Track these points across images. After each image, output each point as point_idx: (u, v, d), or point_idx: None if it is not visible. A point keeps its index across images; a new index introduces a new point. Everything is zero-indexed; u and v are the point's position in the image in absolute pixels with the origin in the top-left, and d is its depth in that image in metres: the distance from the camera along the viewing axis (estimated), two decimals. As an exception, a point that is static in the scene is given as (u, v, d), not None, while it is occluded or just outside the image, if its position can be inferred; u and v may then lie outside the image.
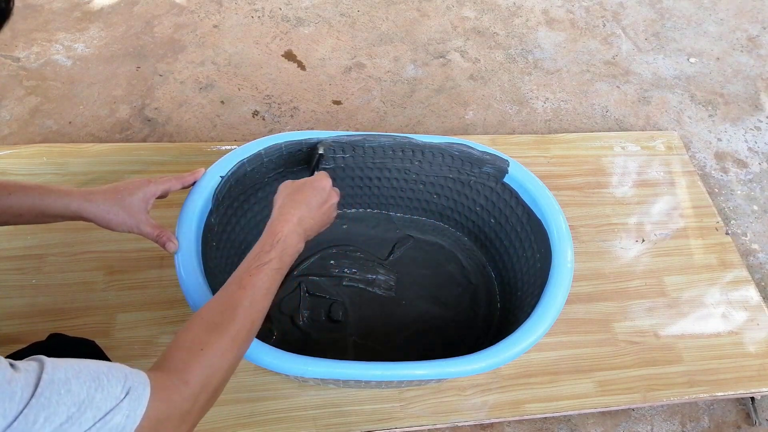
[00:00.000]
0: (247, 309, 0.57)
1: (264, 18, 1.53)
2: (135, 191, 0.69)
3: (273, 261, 0.61)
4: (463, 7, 1.65)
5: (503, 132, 1.35)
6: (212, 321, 0.55)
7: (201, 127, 1.27)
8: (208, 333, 0.54)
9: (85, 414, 0.40)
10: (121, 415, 0.43)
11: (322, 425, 0.86)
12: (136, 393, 0.44)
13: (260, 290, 0.59)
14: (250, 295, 0.58)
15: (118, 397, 0.43)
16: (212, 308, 0.57)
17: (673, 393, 0.94)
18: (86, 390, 0.41)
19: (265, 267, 0.61)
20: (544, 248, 0.82)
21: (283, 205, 0.68)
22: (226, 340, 0.54)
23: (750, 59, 1.62)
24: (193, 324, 0.55)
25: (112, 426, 0.42)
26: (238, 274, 0.60)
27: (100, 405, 0.42)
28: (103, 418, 0.41)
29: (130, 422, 0.43)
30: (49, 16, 1.46)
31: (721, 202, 1.29)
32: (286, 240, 0.64)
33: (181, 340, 0.53)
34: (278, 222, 0.66)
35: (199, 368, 0.51)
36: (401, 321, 0.94)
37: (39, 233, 0.98)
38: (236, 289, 0.59)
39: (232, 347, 0.54)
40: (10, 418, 0.37)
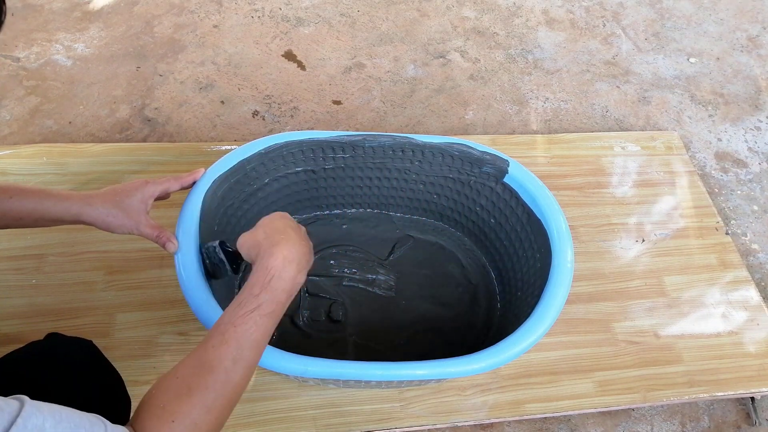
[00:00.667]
0: (230, 369, 0.50)
1: (264, 18, 1.53)
2: (133, 193, 0.70)
3: (263, 305, 0.54)
4: (463, 7, 1.65)
5: (503, 132, 1.35)
6: (187, 385, 0.48)
7: (201, 127, 1.27)
8: (179, 401, 0.47)
9: None
10: None
11: (322, 425, 0.86)
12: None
13: (247, 342, 0.52)
14: (233, 351, 0.51)
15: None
16: (189, 368, 0.50)
17: (673, 393, 0.94)
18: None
19: (253, 314, 0.53)
20: (544, 248, 0.82)
21: (265, 240, 0.59)
22: (200, 409, 0.47)
23: (750, 59, 1.62)
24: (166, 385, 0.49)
25: None
26: (220, 325, 0.53)
27: None
28: None
29: None
30: (49, 16, 1.46)
31: (721, 202, 1.29)
32: (280, 275, 0.56)
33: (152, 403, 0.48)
34: (267, 257, 0.57)
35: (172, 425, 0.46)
36: (401, 321, 0.94)
37: (39, 233, 0.98)
38: (217, 345, 0.51)
39: (208, 414, 0.48)
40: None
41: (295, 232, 0.62)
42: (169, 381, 0.49)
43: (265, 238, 0.60)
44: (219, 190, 0.82)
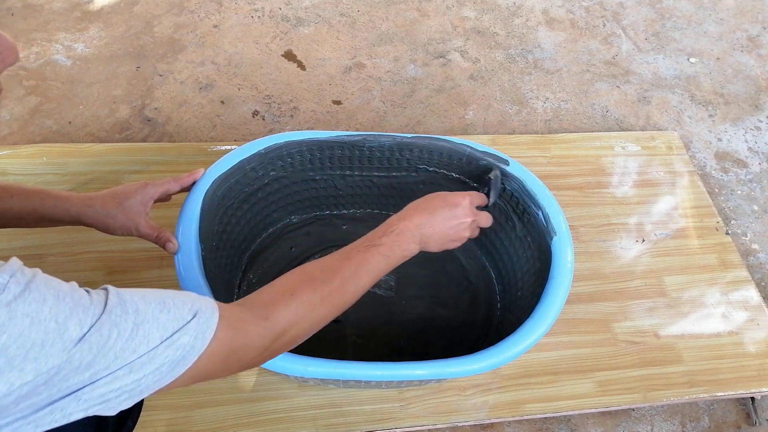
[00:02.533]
0: (346, 278, 0.58)
1: (264, 18, 1.53)
2: (133, 194, 0.70)
3: (383, 246, 0.62)
4: (463, 7, 1.65)
5: (503, 132, 1.35)
6: (311, 275, 0.56)
7: (201, 127, 1.27)
8: (302, 283, 0.55)
9: (151, 332, 0.42)
10: (189, 335, 0.44)
11: (322, 425, 0.86)
12: (204, 317, 0.45)
13: (364, 266, 0.59)
14: (354, 266, 0.59)
15: (184, 318, 0.44)
16: (315, 266, 0.58)
17: (673, 393, 0.94)
18: (152, 311, 0.42)
19: (375, 248, 0.61)
20: (544, 248, 0.82)
21: (409, 207, 0.68)
22: (317, 295, 0.54)
23: (750, 59, 1.62)
24: (292, 273, 0.56)
25: (179, 345, 0.43)
26: (347, 248, 0.61)
27: (166, 325, 0.43)
28: (170, 338, 0.43)
29: (198, 343, 0.44)
30: (49, 16, 1.46)
31: (721, 202, 1.29)
32: (400, 234, 0.64)
33: (276, 283, 0.55)
34: (397, 218, 0.66)
35: (284, 309, 0.52)
36: (401, 321, 0.94)
37: (39, 233, 0.98)
38: (342, 258, 0.59)
39: (321, 304, 0.55)
40: (86, 327, 0.38)
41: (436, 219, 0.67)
42: (295, 272, 0.57)
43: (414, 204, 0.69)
44: (219, 190, 0.82)
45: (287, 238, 1.01)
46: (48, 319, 0.37)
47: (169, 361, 0.43)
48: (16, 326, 0.35)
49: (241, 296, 0.91)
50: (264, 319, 0.51)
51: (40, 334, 0.36)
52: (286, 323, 0.52)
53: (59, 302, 0.38)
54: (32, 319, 0.36)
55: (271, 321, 0.51)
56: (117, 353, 0.40)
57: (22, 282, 0.37)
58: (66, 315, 0.38)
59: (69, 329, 0.37)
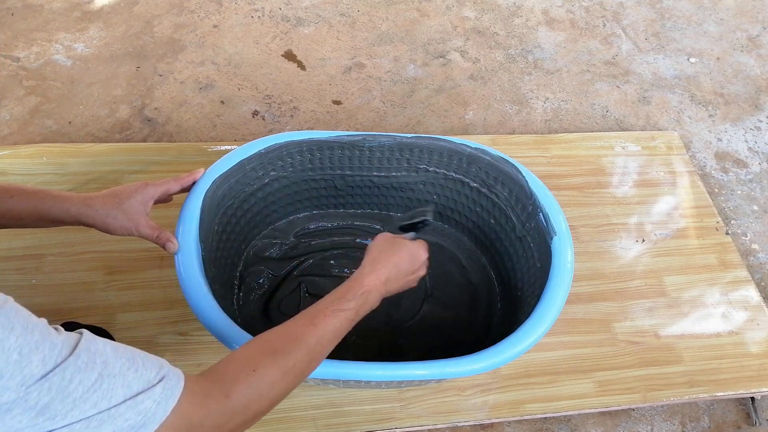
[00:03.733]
0: (311, 347, 0.56)
1: (264, 18, 1.53)
2: (133, 195, 0.70)
3: (350, 311, 0.61)
4: (463, 7, 1.65)
5: (503, 132, 1.35)
6: (273, 346, 0.54)
7: (201, 127, 1.27)
8: (264, 356, 0.53)
9: (115, 388, 0.40)
10: (152, 400, 0.42)
11: (322, 425, 0.86)
12: (170, 383, 0.44)
13: (329, 333, 0.58)
14: (319, 334, 0.57)
15: (150, 382, 0.42)
16: (277, 334, 0.56)
17: (673, 393, 0.94)
18: (120, 366, 0.41)
19: (342, 313, 0.60)
20: (544, 248, 0.82)
21: (376, 260, 0.68)
22: (279, 369, 0.52)
23: (750, 59, 1.62)
24: (253, 344, 0.54)
25: (141, 409, 0.41)
26: (312, 311, 0.60)
27: (131, 384, 0.41)
28: (134, 398, 0.41)
29: (159, 410, 0.42)
30: (49, 16, 1.46)
31: (721, 202, 1.29)
32: (369, 295, 0.64)
33: (237, 355, 0.53)
34: (369, 276, 0.66)
35: (245, 388, 0.50)
36: (401, 321, 0.94)
37: (39, 233, 0.98)
38: (307, 324, 0.58)
39: (283, 379, 0.53)
40: (49, 366, 0.37)
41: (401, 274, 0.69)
42: (256, 341, 0.55)
43: (379, 252, 0.69)
44: (219, 190, 0.82)
45: (287, 238, 1.01)
46: (12, 349, 0.35)
47: (128, 425, 0.40)
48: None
49: (241, 296, 0.92)
50: (225, 397, 0.48)
51: (0, 363, 0.35)
52: (246, 401, 0.50)
53: (27, 334, 0.36)
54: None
55: (231, 399, 0.48)
56: (76, 401, 0.38)
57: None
58: (31, 348, 0.36)
59: (32, 364, 0.36)
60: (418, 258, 0.72)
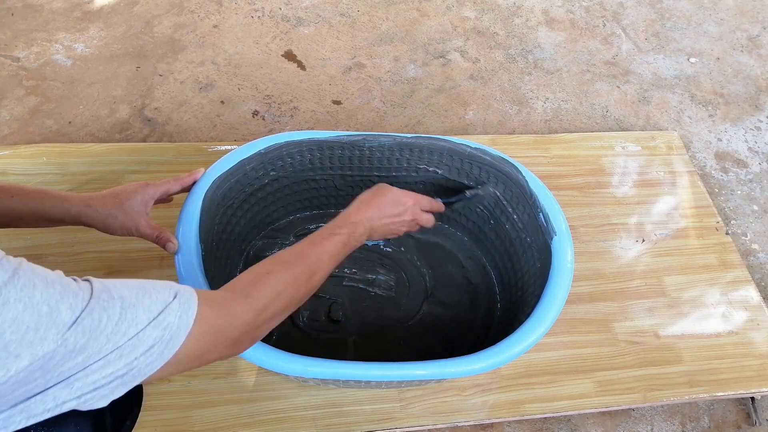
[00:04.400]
0: (313, 261, 0.63)
1: (264, 18, 1.53)
2: (133, 195, 0.70)
3: (342, 235, 0.68)
4: (463, 7, 1.65)
5: (503, 132, 1.35)
6: (283, 259, 0.61)
7: (201, 127, 1.27)
8: (276, 265, 0.60)
9: (138, 315, 0.43)
10: (173, 315, 0.45)
11: (322, 425, 0.86)
12: (184, 297, 0.47)
13: (327, 252, 0.65)
14: (318, 251, 0.64)
15: (166, 300, 0.45)
16: (286, 252, 0.63)
17: (673, 393, 0.94)
18: (135, 296, 0.43)
19: (336, 236, 0.67)
20: (544, 248, 0.82)
21: (362, 201, 0.75)
22: (290, 274, 0.59)
23: (750, 59, 1.62)
24: (267, 260, 0.61)
25: (165, 325, 0.44)
26: (312, 236, 0.66)
27: (150, 307, 0.44)
28: (156, 318, 0.43)
29: (183, 323, 0.45)
30: (49, 16, 1.46)
31: (721, 202, 1.29)
32: (356, 224, 0.71)
33: (253, 267, 0.59)
34: (353, 211, 0.73)
35: (263, 287, 0.55)
36: (401, 321, 0.94)
37: (39, 233, 0.98)
38: (307, 245, 0.65)
39: (294, 281, 0.59)
40: (77, 312, 0.39)
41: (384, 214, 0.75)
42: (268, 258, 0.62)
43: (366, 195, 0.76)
44: (219, 190, 0.82)
45: (287, 238, 1.01)
46: (40, 303, 0.37)
47: (158, 342, 0.43)
48: (10, 311, 0.35)
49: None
50: (246, 297, 0.53)
51: (33, 318, 0.36)
52: (266, 299, 0.55)
53: (49, 287, 0.38)
54: (25, 303, 0.36)
55: (252, 297, 0.54)
56: (108, 336, 0.40)
57: (9, 269, 0.37)
58: (57, 299, 0.38)
59: (62, 313, 0.38)
60: (402, 202, 0.77)
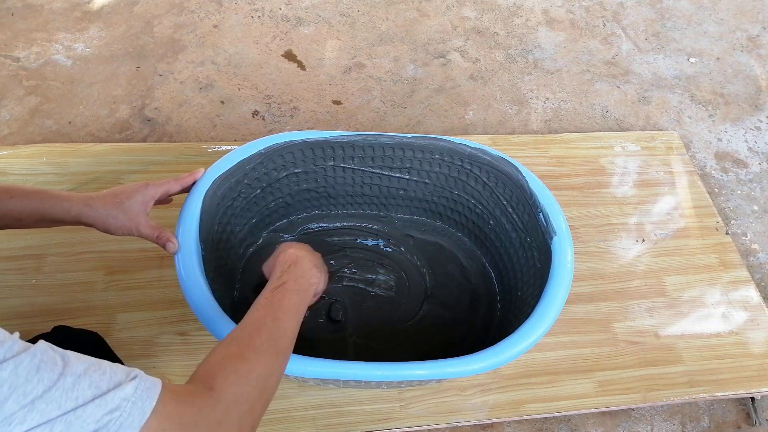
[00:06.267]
0: (269, 326, 0.56)
1: (264, 18, 1.53)
2: (134, 195, 0.70)
3: (287, 283, 0.62)
4: (463, 7, 1.65)
5: (503, 132, 1.35)
6: (235, 338, 0.54)
7: (201, 127, 1.27)
8: (230, 346, 0.52)
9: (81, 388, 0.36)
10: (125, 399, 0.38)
11: (322, 425, 0.86)
12: (144, 384, 0.40)
13: (281, 308, 0.59)
14: (271, 313, 0.58)
15: (120, 381, 0.39)
16: (237, 327, 0.57)
17: (673, 393, 0.94)
18: (84, 367, 0.37)
19: (281, 288, 0.62)
20: (544, 248, 0.82)
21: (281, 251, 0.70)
22: (249, 350, 0.52)
23: (750, 59, 1.62)
24: (217, 346, 0.54)
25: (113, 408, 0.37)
26: (259, 299, 0.61)
27: (99, 383, 0.37)
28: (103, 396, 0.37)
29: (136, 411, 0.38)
30: (49, 16, 1.46)
31: (721, 202, 1.29)
32: (297, 264, 0.66)
33: (208, 357, 0.52)
34: (283, 254, 0.68)
35: (225, 376, 0.48)
36: (401, 321, 0.94)
37: (39, 233, 0.98)
38: (258, 309, 0.59)
39: (257, 359, 0.52)
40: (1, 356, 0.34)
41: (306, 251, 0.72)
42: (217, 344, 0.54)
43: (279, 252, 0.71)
44: (219, 190, 0.82)
45: (287, 238, 1.01)
46: None
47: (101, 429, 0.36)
48: None
49: (240, 297, 0.92)
50: (210, 390, 0.46)
51: None
52: (233, 390, 0.47)
53: None
54: None
55: (217, 390, 0.46)
56: (34, 402, 0.34)
57: None
58: None
59: None
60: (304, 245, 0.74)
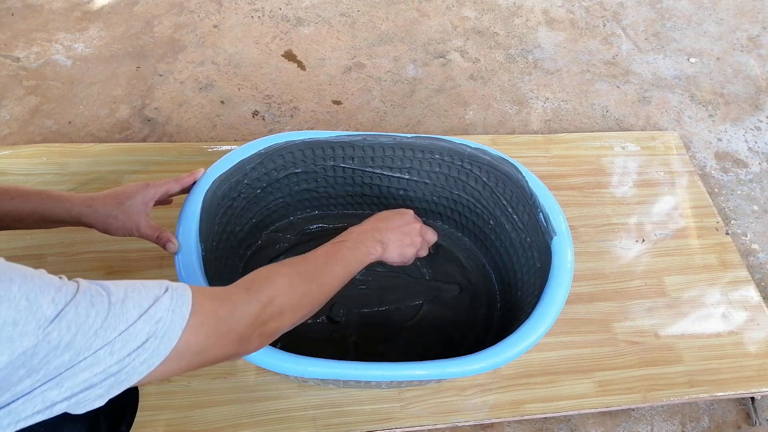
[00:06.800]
0: (319, 263, 0.61)
1: (264, 18, 1.53)
2: (134, 195, 0.70)
3: (348, 242, 0.66)
4: (463, 7, 1.65)
5: (503, 132, 1.35)
6: (284, 262, 0.60)
7: (201, 127, 1.27)
8: (277, 266, 0.58)
9: (127, 310, 0.41)
10: (164, 308, 0.43)
11: (322, 425, 0.86)
12: (177, 292, 0.45)
13: (333, 257, 0.63)
14: (323, 256, 0.63)
15: (157, 295, 0.43)
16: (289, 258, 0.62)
17: (673, 393, 0.94)
18: (124, 291, 0.42)
19: (340, 244, 0.66)
20: (544, 248, 0.82)
21: (367, 219, 0.74)
22: (293, 271, 0.57)
23: (750, 59, 1.62)
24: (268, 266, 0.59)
25: (158, 319, 0.42)
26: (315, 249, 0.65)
27: (141, 302, 0.42)
28: (147, 312, 0.42)
29: (177, 317, 0.43)
30: (49, 16, 1.46)
31: (721, 202, 1.29)
32: (360, 234, 0.69)
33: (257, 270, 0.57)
34: (359, 225, 0.71)
35: (264, 281, 0.53)
36: (401, 321, 0.94)
37: (39, 233, 0.98)
38: (312, 253, 0.64)
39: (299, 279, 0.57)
40: (60, 306, 0.38)
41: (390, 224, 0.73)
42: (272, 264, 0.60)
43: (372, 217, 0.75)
44: (219, 190, 0.82)
45: (287, 238, 1.01)
46: (18, 297, 0.36)
47: (151, 337, 0.42)
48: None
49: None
50: (246, 289, 0.51)
51: (11, 312, 0.35)
52: (268, 292, 0.53)
53: (28, 281, 0.37)
54: (1, 297, 0.35)
55: (253, 290, 0.52)
56: (96, 331, 0.39)
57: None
58: (37, 293, 0.37)
59: (42, 307, 0.37)
60: (405, 212, 0.76)
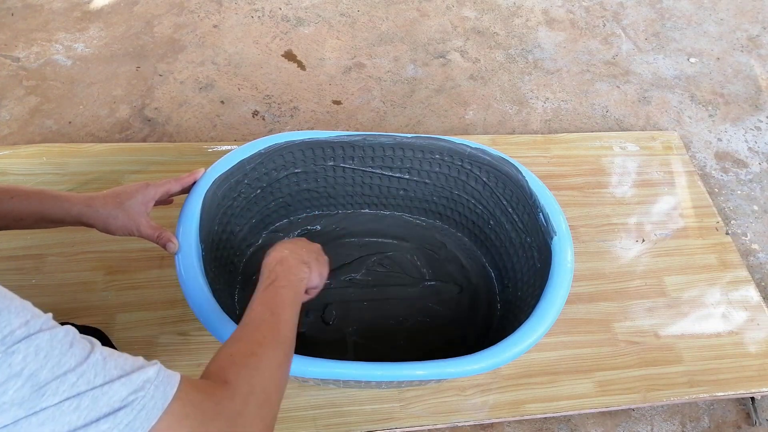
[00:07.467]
0: (268, 321, 0.57)
1: (264, 18, 1.53)
2: (134, 195, 0.70)
3: (278, 281, 0.61)
4: (463, 7, 1.65)
5: (503, 132, 1.35)
6: (237, 337, 0.55)
7: (201, 127, 1.27)
8: (233, 345, 0.53)
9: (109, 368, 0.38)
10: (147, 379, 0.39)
11: (322, 425, 0.86)
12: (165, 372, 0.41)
13: (275, 303, 0.59)
14: (267, 309, 0.58)
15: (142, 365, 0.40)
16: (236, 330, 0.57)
17: (673, 393, 0.94)
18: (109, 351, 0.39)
19: (272, 285, 0.61)
20: (544, 248, 0.82)
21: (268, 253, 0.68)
22: (255, 346, 0.53)
23: (750, 59, 1.62)
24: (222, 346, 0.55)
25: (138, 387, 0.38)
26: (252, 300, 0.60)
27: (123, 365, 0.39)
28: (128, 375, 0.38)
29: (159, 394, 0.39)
30: (49, 16, 1.46)
31: (721, 202, 1.29)
32: (280, 264, 0.64)
33: (214, 358, 0.52)
34: (268, 256, 0.66)
35: (236, 369, 0.49)
36: (401, 321, 0.94)
37: (39, 233, 0.98)
38: (250, 311, 0.59)
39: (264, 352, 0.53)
40: (33, 330, 0.36)
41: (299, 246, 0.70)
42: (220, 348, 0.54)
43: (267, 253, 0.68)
44: (219, 190, 0.82)
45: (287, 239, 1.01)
46: None
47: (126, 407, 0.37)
48: None
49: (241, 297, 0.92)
50: (224, 383, 0.47)
51: None
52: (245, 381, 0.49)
53: (5, 300, 0.36)
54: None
55: (231, 383, 0.47)
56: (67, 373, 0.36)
57: None
58: (11, 311, 0.36)
59: (12, 324, 0.35)
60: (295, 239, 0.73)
